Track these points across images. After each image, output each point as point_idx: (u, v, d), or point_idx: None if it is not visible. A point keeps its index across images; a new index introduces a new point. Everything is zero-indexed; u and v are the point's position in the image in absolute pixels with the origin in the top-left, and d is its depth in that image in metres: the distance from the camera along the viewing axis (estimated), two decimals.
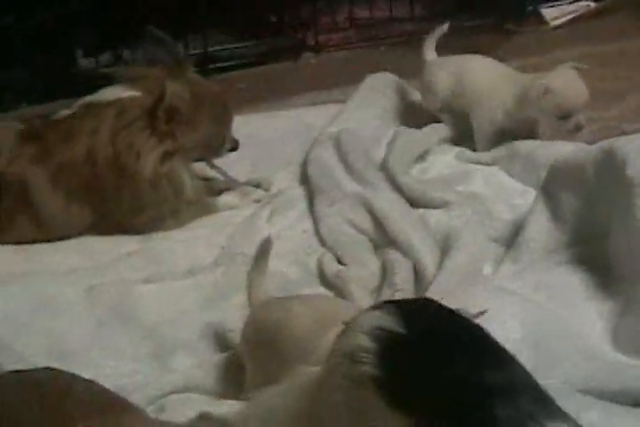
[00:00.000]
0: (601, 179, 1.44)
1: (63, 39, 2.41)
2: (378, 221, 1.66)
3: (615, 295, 1.33)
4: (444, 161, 1.91)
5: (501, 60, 2.27)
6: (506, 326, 1.24)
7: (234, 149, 1.81)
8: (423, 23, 2.26)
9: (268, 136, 2.07)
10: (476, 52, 2.15)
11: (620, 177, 1.37)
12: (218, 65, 2.39)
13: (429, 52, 2.04)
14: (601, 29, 2.62)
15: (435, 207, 1.69)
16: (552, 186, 1.56)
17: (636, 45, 2.49)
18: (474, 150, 1.94)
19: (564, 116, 1.82)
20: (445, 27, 2.05)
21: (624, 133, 1.89)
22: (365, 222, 1.68)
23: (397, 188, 1.75)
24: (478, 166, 1.88)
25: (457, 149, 1.95)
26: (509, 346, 1.20)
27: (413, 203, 1.72)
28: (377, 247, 1.65)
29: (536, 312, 1.29)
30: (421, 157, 1.91)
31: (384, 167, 1.80)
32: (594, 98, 1.98)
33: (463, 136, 2.00)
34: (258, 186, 1.88)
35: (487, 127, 1.91)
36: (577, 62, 1.90)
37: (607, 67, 2.38)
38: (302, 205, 1.81)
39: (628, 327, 1.26)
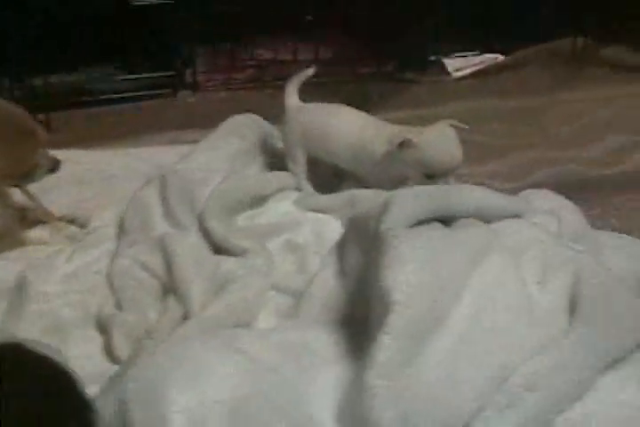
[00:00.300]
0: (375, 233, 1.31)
1: None
2: (170, 266, 1.53)
3: (359, 363, 1.19)
4: (279, 208, 1.78)
5: (396, 109, 2.19)
6: (213, 385, 1.13)
7: (53, 170, 1.69)
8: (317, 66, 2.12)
9: (112, 173, 1.98)
10: (370, 101, 2.04)
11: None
12: (92, 98, 2.28)
13: (291, 98, 1.88)
14: (504, 84, 2.52)
15: (233, 255, 1.57)
16: (345, 239, 1.44)
17: (536, 102, 2.38)
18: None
19: (430, 174, 1.65)
20: (311, 71, 1.89)
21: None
22: (159, 267, 1.56)
23: (205, 232, 1.62)
24: (315, 215, 1.75)
25: (298, 195, 1.82)
26: (211, 407, 1.10)
27: (217, 249, 1.61)
28: (166, 293, 1.52)
29: (258, 375, 1.17)
30: (258, 203, 1.78)
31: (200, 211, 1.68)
32: (475, 153, 1.87)
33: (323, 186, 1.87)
34: (73, 222, 1.76)
35: (366, 176, 1.77)
36: (470, 115, 1.81)
37: (501, 122, 2.28)
38: (110, 245, 1.70)
39: (349, 401, 1.12)
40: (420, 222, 1.29)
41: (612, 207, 1.91)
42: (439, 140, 1.64)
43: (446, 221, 1.34)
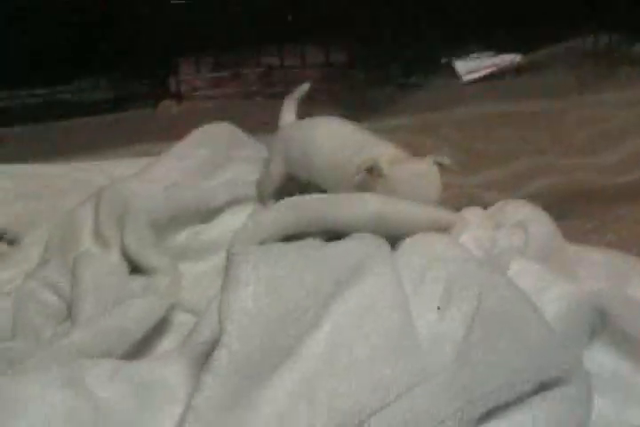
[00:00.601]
0: None
1: None
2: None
3: None
4: (231, 222, 1.63)
5: (396, 116, 2.01)
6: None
7: None
8: (314, 73, 1.97)
9: (62, 187, 1.84)
10: (373, 107, 1.87)
11: None
12: (68, 111, 2.17)
13: (286, 115, 1.73)
14: (519, 87, 2.30)
15: (147, 274, 1.42)
16: None
17: (554, 106, 2.15)
18: None
19: None
20: (306, 87, 1.73)
21: (482, 204, 1.59)
22: (68, 289, 1.42)
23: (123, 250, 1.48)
24: None
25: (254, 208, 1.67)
26: None
27: (134, 268, 1.48)
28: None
29: (86, 414, 1.00)
30: (210, 216, 1.63)
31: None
32: (474, 161, 1.69)
33: None
34: (1, 238, 1.65)
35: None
36: (477, 121, 1.62)
37: (510, 128, 2.07)
38: (31, 264, 1.56)
39: None
40: (294, 237, 1.10)
41: (614, 220, 1.69)
42: (413, 176, 1.38)
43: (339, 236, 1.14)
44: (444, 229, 1.27)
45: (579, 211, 1.70)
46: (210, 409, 0.91)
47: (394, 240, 1.23)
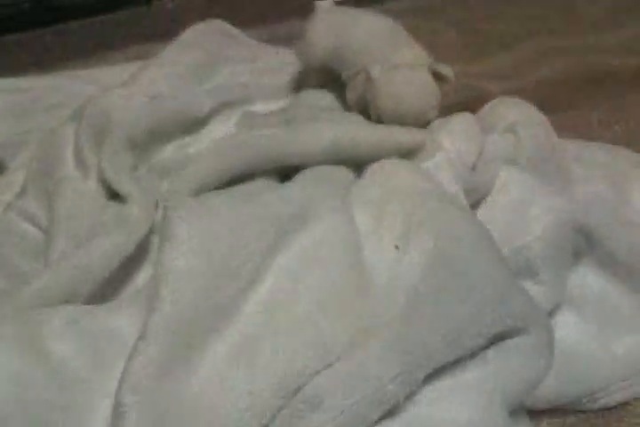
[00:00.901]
0: None
1: None
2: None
3: None
4: (217, 131, 1.54)
5: None
6: None
7: None
8: None
9: (56, 101, 1.78)
10: None
11: None
12: (58, 13, 2.08)
13: None
14: None
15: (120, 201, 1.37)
16: None
17: None
18: None
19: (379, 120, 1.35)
20: None
21: (484, 95, 1.51)
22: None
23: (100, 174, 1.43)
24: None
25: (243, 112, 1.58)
26: None
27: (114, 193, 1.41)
28: None
29: (39, 373, 0.97)
30: (199, 125, 1.55)
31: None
32: (477, 46, 1.60)
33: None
34: None
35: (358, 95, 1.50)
36: None
37: (521, 5, 1.92)
38: (14, 192, 1.52)
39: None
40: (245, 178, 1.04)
41: (621, 109, 1.58)
42: (403, 84, 1.31)
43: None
44: (411, 152, 1.19)
45: (586, 100, 1.60)
46: (145, 376, 0.88)
47: (362, 166, 1.16)
